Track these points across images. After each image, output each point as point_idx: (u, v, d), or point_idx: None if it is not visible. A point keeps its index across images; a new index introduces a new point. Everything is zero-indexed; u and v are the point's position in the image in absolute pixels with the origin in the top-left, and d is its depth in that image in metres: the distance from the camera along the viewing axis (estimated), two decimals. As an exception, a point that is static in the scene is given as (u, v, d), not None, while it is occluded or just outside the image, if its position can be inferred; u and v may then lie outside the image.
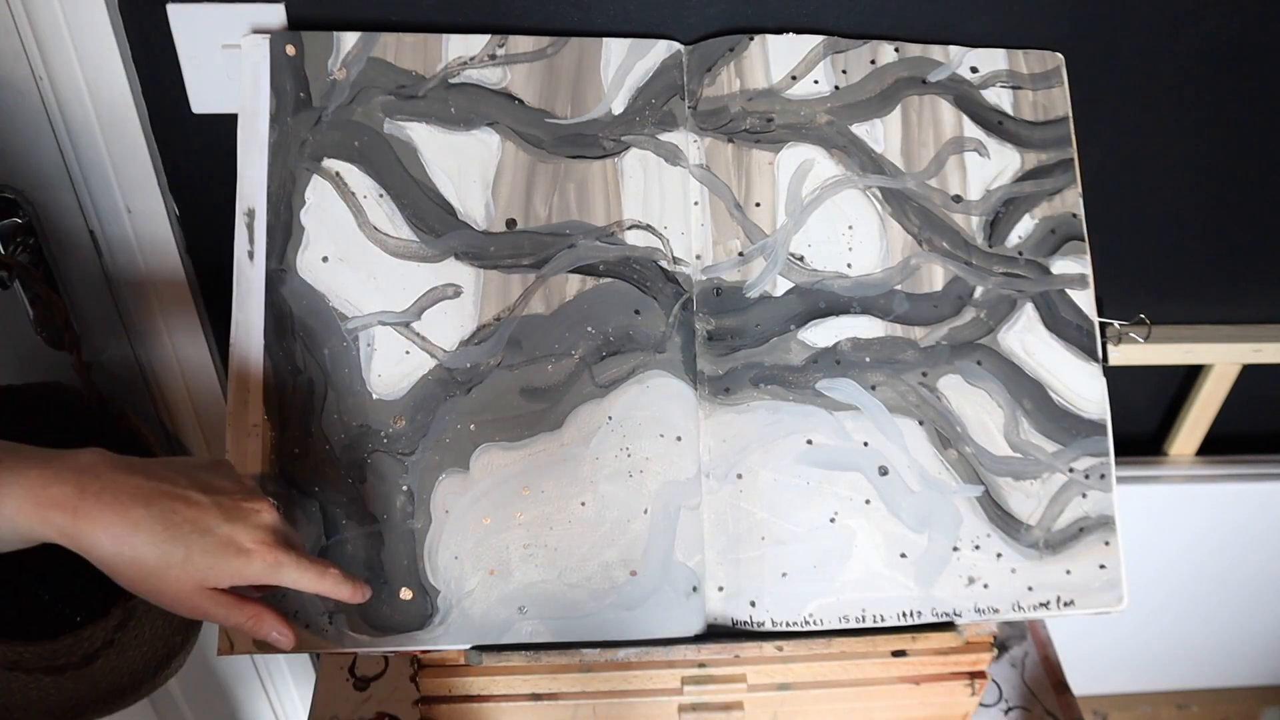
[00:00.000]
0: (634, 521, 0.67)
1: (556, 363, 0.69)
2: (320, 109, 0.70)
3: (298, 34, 0.70)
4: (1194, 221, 0.90)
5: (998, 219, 0.73)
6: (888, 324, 0.71)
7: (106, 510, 0.46)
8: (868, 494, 0.69)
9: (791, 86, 0.73)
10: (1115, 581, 0.70)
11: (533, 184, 0.71)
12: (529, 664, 0.66)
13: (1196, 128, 0.84)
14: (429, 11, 0.73)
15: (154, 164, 0.78)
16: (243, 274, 0.68)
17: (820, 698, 0.68)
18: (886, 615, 0.68)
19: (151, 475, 0.49)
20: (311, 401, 0.67)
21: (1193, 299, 0.97)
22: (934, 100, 0.74)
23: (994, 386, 0.71)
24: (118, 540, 0.47)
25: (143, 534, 0.47)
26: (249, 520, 0.50)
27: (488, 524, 0.67)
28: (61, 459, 0.47)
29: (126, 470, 0.48)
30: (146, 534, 0.47)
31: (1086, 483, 0.71)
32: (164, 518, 0.47)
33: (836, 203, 0.72)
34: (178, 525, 0.48)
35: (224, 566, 0.49)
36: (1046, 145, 0.74)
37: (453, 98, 0.71)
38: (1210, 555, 1.15)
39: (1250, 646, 1.28)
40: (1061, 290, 0.73)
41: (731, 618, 0.67)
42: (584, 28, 0.74)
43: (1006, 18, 0.76)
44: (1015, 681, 0.87)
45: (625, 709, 0.68)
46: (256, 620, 0.52)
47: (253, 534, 0.50)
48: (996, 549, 0.69)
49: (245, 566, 0.50)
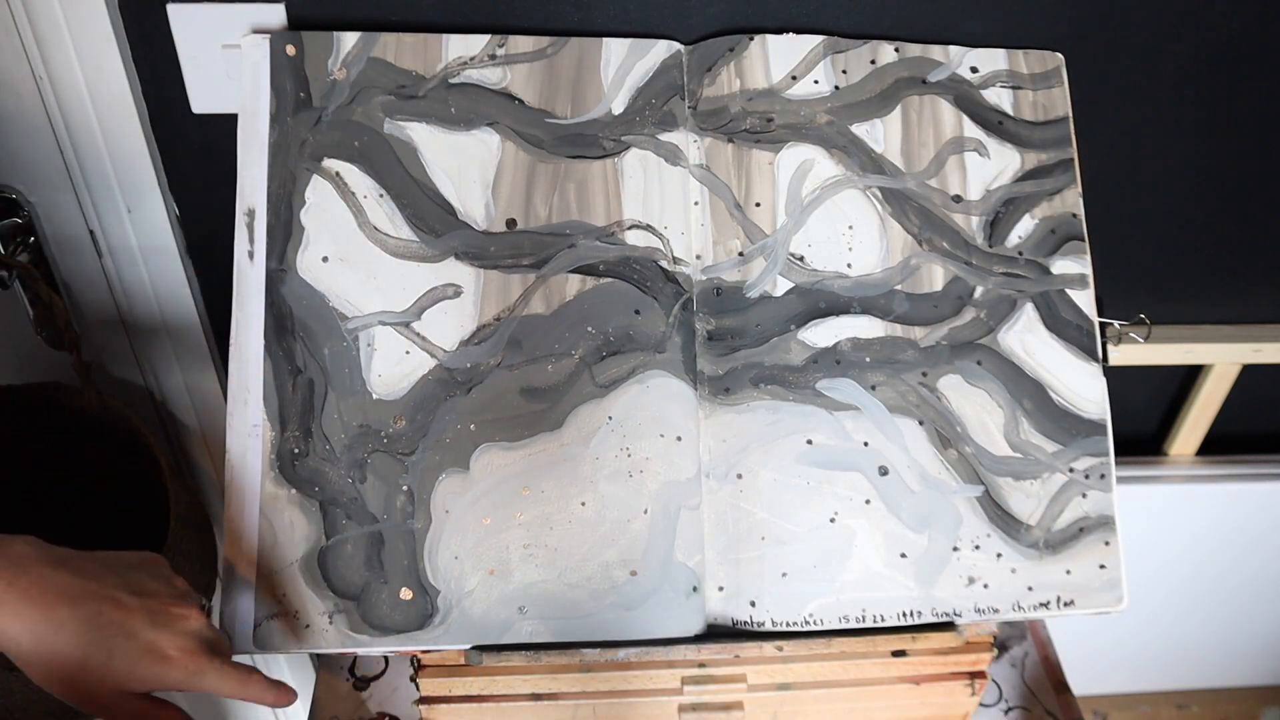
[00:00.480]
0: (634, 521, 0.67)
1: (556, 363, 0.69)
2: (320, 109, 0.70)
3: (298, 34, 0.70)
4: (1194, 221, 0.90)
5: (998, 219, 0.73)
6: (888, 324, 0.71)
7: (32, 607, 0.46)
8: (868, 494, 0.69)
9: (791, 86, 0.73)
10: (1115, 581, 0.70)
11: (533, 184, 0.71)
12: (529, 664, 0.66)
13: (1196, 128, 0.84)
14: (429, 11, 0.73)
15: (154, 164, 0.78)
16: (243, 274, 0.68)
17: (820, 698, 0.68)
18: (886, 615, 0.68)
19: (81, 573, 0.48)
20: (311, 401, 0.67)
21: (1193, 299, 0.97)
22: (934, 100, 0.74)
23: (994, 386, 0.71)
24: (38, 640, 0.46)
25: (66, 634, 0.46)
26: (174, 627, 0.50)
27: (488, 524, 0.67)
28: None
29: (56, 565, 0.47)
30: (70, 635, 0.46)
31: (1086, 483, 0.71)
32: (90, 619, 0.47)
33: (836, 203, 0.72)
34: (103, 628, 0.47)
35: (144, 672, 0.48)
36: (1046, 145, 0.74)
37: (453, 98, 0.71)
38: (1210, 555, 1.15)
39: (1250, 646, 1.28)
40: (1061, 290, 0.73)
41: (731, 618, 0.67)
42: (584, 28, 0.74)
43: (1006, 18, 0.76)
44: (1015, 681, 0.87)
45: (625, 709, 0.68)
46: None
47: (177, 640, 0.49)
48: (996, 549, 0.69)
49: (167, 674, 0.49)
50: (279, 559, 0.66)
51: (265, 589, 0.65)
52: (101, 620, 0.47)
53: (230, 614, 0.65)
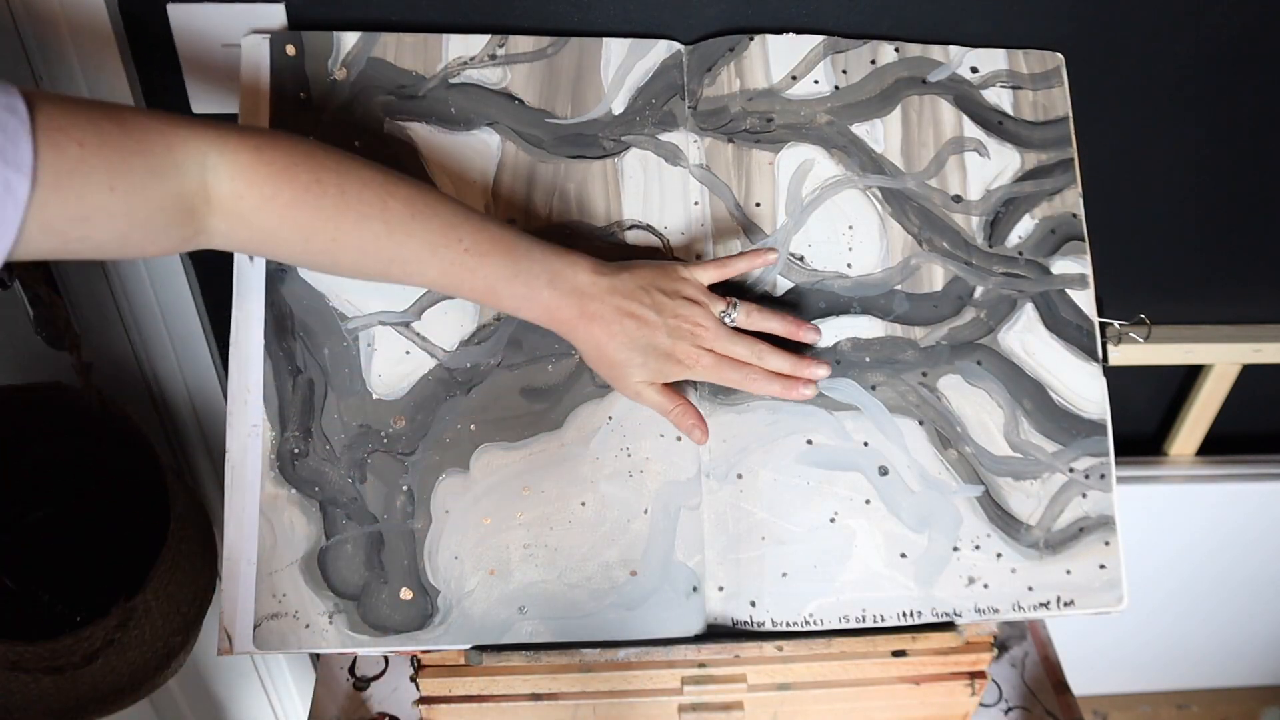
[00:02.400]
0: (634, 521, 0.67)
1: (556, 363, 0.69)
2: (320, 109, 0.70)
3: (298, 34, 0.70)
4: (1194, 221, 0.90)
5: (998, 219, 0.73)
6: (888, 324, 0.71)
7: (593, 327, 0.62)
8: (868, 494, 0.69)
9: (791, 86, 0.73)
10: (1115, 581, 0.70)
11: (533, 184, 0.71)
12: (529, 664, 0.66)
13: (1196, 128, 0.84)
14: (429, 11, 0.73)
15: (154, 164, 0.78)
16: (243, 274, 0.68)
17: (820, 698, 0.68)
18: (886, 615, 0.68)
19: (627, 296, 0.63)
20: (311, 401, 0.67)
21: (1193, 299, 0.97)
22: (934, 100, 0.74)
23: (994, 386, 0.71)
24: (597, 349, 0.63)
25: (614, 346, 0.63)
26: (687, 339, 0.64)
27: (488, 524, 0.67)
28: (568, 280, 0.62)
29: (609, 292, 0.63)
30: (616, 346, 0.63)
31: (1086, 483, 0.71)
32: (626, 334, 0.63)
33: (836, 203, 0.72)
34: (635, 340, 0.63)
35: (665, 372, 0.64)
36: (1046, 145, 0.74)
37: (453, 98, 0.71)
38: (1210, 555, 1.15)
39: (1250, 646, 1.28)
40: (1061, 290, 0.73)
41: (731, 618, 0.67)
42: (584, 28, 0.74)
43: (1006, 18, 0.76)
44: (1015, 681, 0.87)
45: (625, 709, 0.68)
46: (682, 411, 0.65)
47: (688, 350, 0.64)
48: (996, 549, 0.69)
49: (681, 373, 0.65)
50: (279, 559, 0.66)
51: (265, 589, 0.65)
52: (636, 335, 0.63)
53: (230, 614, 0.65)
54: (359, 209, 0.57)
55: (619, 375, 0.64)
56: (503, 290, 0.61)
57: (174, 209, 0.52)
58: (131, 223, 0.51)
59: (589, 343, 0.63)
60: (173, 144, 0.52)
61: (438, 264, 0.59)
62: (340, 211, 0.56)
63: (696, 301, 0.65)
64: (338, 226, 0.57)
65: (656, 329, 0.63)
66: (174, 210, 0.52)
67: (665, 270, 0.65)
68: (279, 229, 0.56)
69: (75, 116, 0.48)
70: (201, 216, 0.54)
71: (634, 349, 0.63)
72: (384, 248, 0.58)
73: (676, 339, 0.63)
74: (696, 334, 0.64)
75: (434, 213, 0.59)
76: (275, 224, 0.56)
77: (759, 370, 0.65)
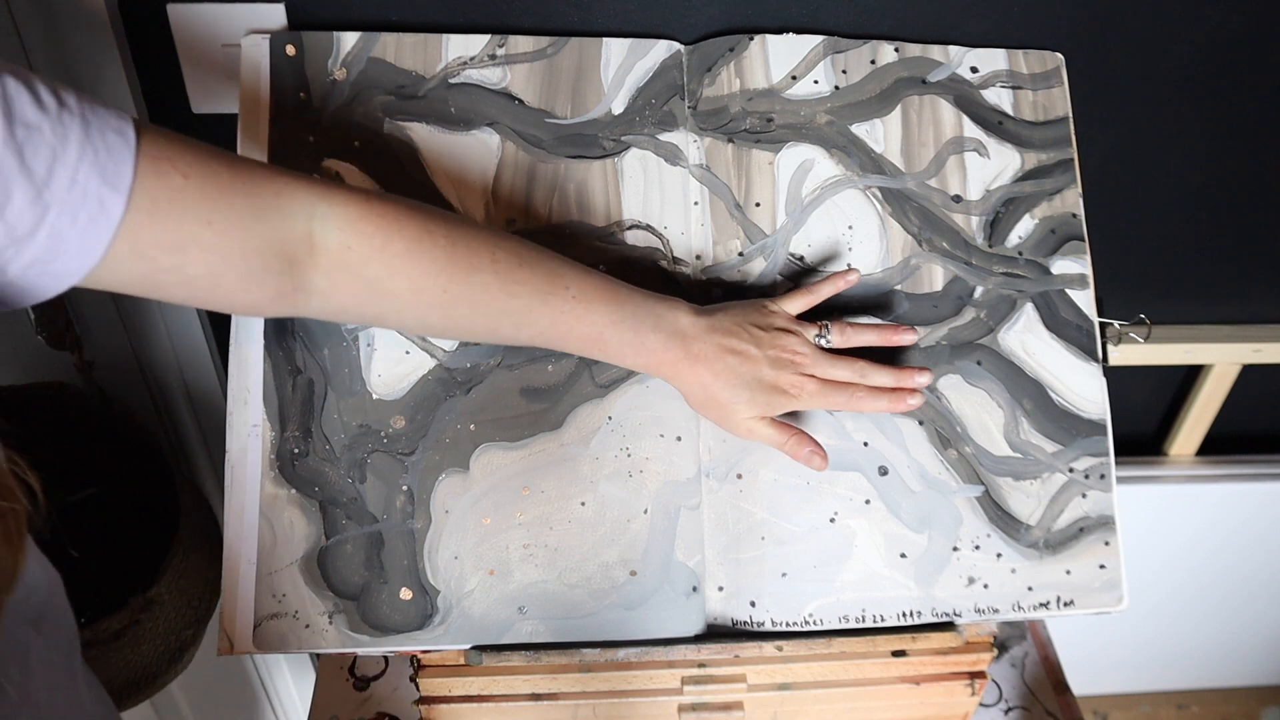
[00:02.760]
0: (634, 521, 0.67)
1: (556, 363, 0.69)
2: (320, 109, 0.70)
3: (298, 34, 0.70)
4: (1194, 221, 0.90)
5: (998, 219, 0.73)
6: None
7: (698, 367, 0.62)
8: (868, 494, 0.69)
9: (791, 86, 0.73)
10: (1115, 581, 0.70)
11: (533, 184, 0.71)
12: (529, 664, 0.66)
13: (1196, 128, 0.84)
14: (429, 11, 0.73)
15: (154, 164, 0.78)
16: (243, 274, 0.68)
17: (820, 698, 0.68)
18: (886, 615, 0.68)
19: (726, 333, 0.63)
20: (311, 401, 0.67)
21: (1193, 299, 0.97)
22: (934, 100, 0.74)
23: (994, 386, 0.71)
24: (704, 388, 0.63)
25: (720, 384, 0.63)
26: (789, 368, 0.63)
27: (488, 524, 0.67)
28: (671, 324, 0.62)
29: (709, 332, 0.63)
30: (722, 385, 0.63)
31: (1086, 483, 0.71)
32: (730, 370, 0.62)
33: (836, 203, 0.72)
34: (740, 376, 0.63)
35: (773, 404, 0.64)
36: (1046, 145, 0.74)
37: (453, 98, 0.71)
38: (1210, 555, 1.15)
39: (1250, 646, 1.28)
40: (1061, 290, 0.73)
41: (731, 618, 0.67)
42: (584, 28, 0.74)
43: (1006, 18, 0.76)
44: (1015, 681, 0.87)
45: (625, 709, 0.68)
46: (797, 441, 0.64)
47: (792, 380, 0.63)
48: (996, 549, 0.69)
49: (788, 404, 0.64)
50: (279, 559, 0.66)
51: (265, 589, 0.65)
52: (740, 371, 0.63)
53: (230, 614, 0.65)
54: (469, 260, 0.57)
55: (728, 414, 0.64)
56: (610, 336, 0.61)
57: (274, 254, 0.52)
58: (227, 261, 0.50)
59: (695, 384, 0.63)
60: (281, 191, 0.52)
61: (548, 313, 0.59)
62: (451, 262, 0.56)
63: (791, 331, 0.65)
64: (450, 277, 0.56)
65: (758, 362, 0.63)
66: (274, 255, 0.52)
67: (756, 306, 0.65)
68: (388, 280, 0.55)
69: (184, 150, 0.48)
70: (304, 269, 0.53)
71: (740, 385, 0.63)
72: (495, 298, 0.58)
73: (779, 369, 0.63)
74: (797, 362, 0.64)
75: (539, 262, 0.59)
76: (385, 275, 0.55)
77: (863, 389, 0.65)
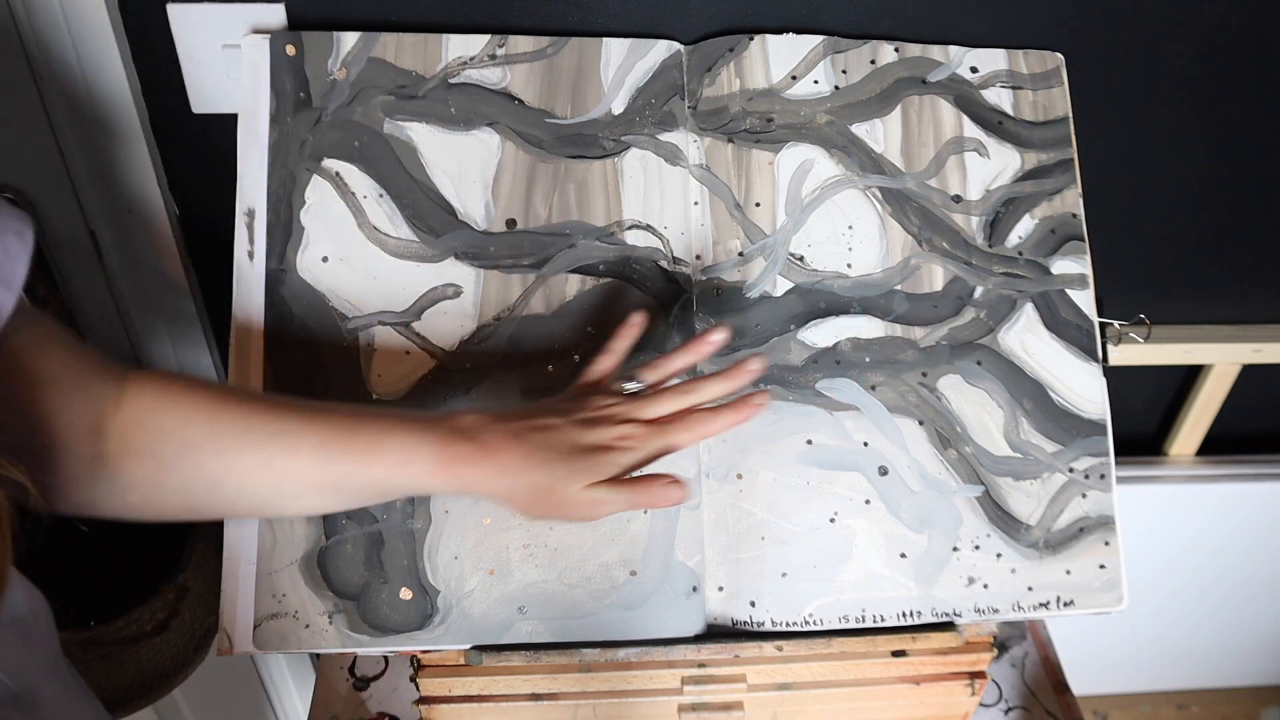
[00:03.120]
0: (634, 521, 0.67)
1: (556, 363, 0.69)
2: (320, 109, 0.70)
3: (298, 34, 0.70)
4: (1194, 221, 0.90)
5: (998, 219, 0.73)
6: (888, 324, 0.71)
7: (497, 457, 0.54)
8: (868, 494, 0.69)
9: (791, 86, 0.73)
10: (1115, 581, 0.70)
11: (533, 184, 0.71)
12: (529, 664, 0.66)
13: (1196, 128, 0.84)
14: (429, 11, 0.73)
15: (154, 164, 0.78)
16: (243, 274, 0.68)
17: (820, 698, 0.68)
18: (886, 615, 0.68)
19: (519, 417, 0.56)
20: (311, 401, 0.67)
21: (1193, 299, 0.97)
22: (934, 100, 0.74)
23: (994, 386, 0.71)
24: (515, 475, 0.55)
25: (530, 466, 0.54)
26: (604, 424, 0.57)
27: (488, 524, 0.67)
28: (449, 424, 0.56)
29: (499, 420, 0.56)
30: (532, 466, 0.55)
31: (1086, 483, 0.71)
32: (537, 448, 0.55)
33: (836, 203, 0.72)
34: (550, 449, 0.55)
35: (602, 466, 0.56)
36: (1046, 145, 0.74)
37: (453, 98, 0.71)
38: (1210, 555, 1.15)
39: (1250, 646, 1.28)
40: (1061, 290, 0.73)
41: (731, 618, 0.67)
42: (584, 28, 0.74)
43: (1006, 18, 0.76)
44: (1015, 681, 0.87)
45: (625, 709, 0.68)
46: (647, 488, 0.57)
47: (614, 434, 0.56)
48: (996, 549, 0.69)
49: (620, 458, 0.56)
50: (279, 559, 0.66)
51: (265, 589, 0.65)
52: (549, 445, 0.55)
53: (230, 614, 0.65)
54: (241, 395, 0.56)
55: (558, 495, 0.55)
56: (386, 442, 0.54)
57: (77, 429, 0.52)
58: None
59: (503, 479, 0.55)
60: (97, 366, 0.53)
61: (318, 429, 0.55)
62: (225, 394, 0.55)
63: (594, 391, 0.60)
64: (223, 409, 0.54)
65: (567, 429, 0.56)
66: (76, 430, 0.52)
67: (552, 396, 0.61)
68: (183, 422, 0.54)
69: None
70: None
71: (554, 460, 0.55)
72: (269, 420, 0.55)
73: (594, 429, 0.56)
74: (611, 414, 0.57)
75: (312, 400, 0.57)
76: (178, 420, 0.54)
77: (700, 412, 0.58)
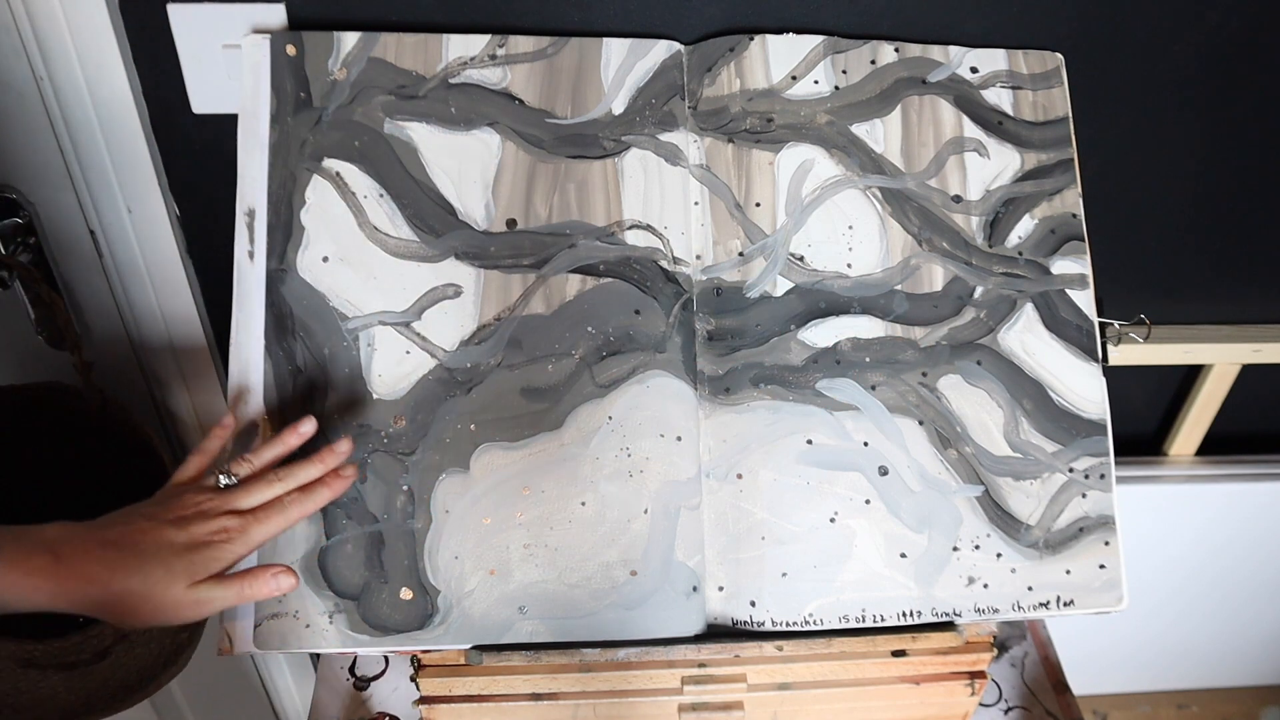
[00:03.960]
0: (634, 521, 0.67)
1: (557, 363, 0.69)
2: (320, 109, 0.70)
3: (298, 34, 0.70)
4: (1194, 221, 0.90)
5: (998, 219, 0.73)
6: (888, 324, 0.71)
7: (85, 563, 0.52)
8: (868, 494, 0.69)
9: (791, 86, 0.73)
10: (1115, 581, 0.70)
11: (533, 184, 0.71)
12: (529, 664, 0.66)
13: (1196, 128, 0.84)
14: (429, 11, 0.73)
15: (154, 164, 0.78)
16: (243, 274, 0.68)
17: (820, 698, 0.68)
18: (886, 615, 0.68)
19: (107, 526, 0.54)
20: (311, 401, 0.67)
21: (1193, 299, 0.97)
22: (934, 100, 0.74)
23: (994, 386, 0.71)
24: (103, 584, 0.52)
25: (124, 575, 0.52)
26: (199, 520, 0.56)
27: (488, 524, 0.67)
28: (29, 533, 0.52)
29: (86, 529, 0.53)
30: (127, 574, 0.52)
31: (1086, 483, 0.71)
32: (130, 549, 0.53)
33: (836, 203, 0.72)
34: (144, 553, 0.53)
35: (202, 563, 0.55)
36: (1046, 145, 0.74)
37: (453, 98, 0.71)
38: (1210, 555, 1.15)
39: (1250, 646, 1.28)
40: (1061, 290, 0.73)
41: (731, 618, 0.67)
42: (584, 28, 0.74)
43: (1006, 18, 0.76)
44: (1015, 681, 0.87)
45: (625, 709, 0.68)
46: (254, 580, 0.57)
47: (209, 529, 0.55)
48: (996, 549, 0.69)
49: (222, 553, 0.55)
50: (279, 559, 0.66)
51: (264, 589, 0.65)
52: (141, 549, 0.53)
53: (230, 614, 0.65)
54: None
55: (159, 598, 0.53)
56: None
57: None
58: None
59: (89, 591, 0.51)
60: None
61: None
62: None
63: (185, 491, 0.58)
64: None
65: (159, 530, 0.54)
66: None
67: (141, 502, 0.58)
68: None
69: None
70: None
71: (149, 563, 0.53)
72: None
73: (188, 526, 0.55)
74: (205, 510, 0.56)
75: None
76: None
77: (294, 495, 0.59)
